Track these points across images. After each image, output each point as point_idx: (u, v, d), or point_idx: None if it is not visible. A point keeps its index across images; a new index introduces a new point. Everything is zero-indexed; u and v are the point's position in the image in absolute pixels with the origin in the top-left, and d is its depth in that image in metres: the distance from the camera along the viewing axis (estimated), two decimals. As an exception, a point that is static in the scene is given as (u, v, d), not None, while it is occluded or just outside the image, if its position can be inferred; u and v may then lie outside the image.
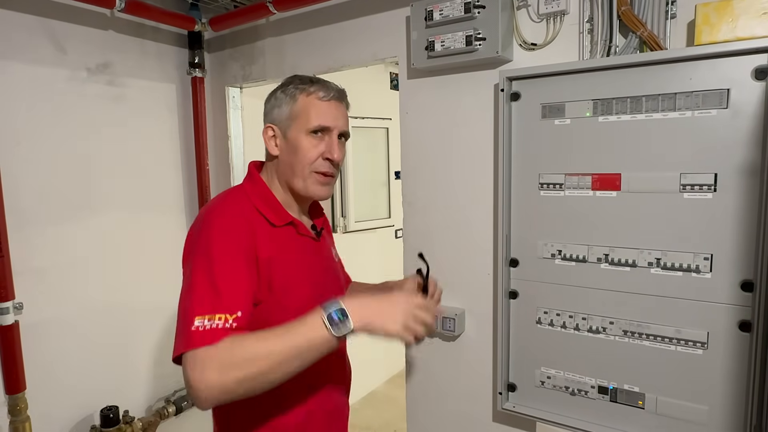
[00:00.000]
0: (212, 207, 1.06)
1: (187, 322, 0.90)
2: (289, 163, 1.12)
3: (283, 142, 1.13)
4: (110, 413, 1.91)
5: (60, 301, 1.87)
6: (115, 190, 2.02)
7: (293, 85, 1.13)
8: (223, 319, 0.90)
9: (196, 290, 0.93)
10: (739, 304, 1.18)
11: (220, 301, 0.92)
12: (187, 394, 0.89)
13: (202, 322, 0.89)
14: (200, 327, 0.88)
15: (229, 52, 2.25)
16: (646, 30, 1.25)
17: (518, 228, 1.47)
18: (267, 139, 1.14)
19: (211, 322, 0.89)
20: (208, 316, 0.89)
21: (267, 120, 1.16)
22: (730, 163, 1.16)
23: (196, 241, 0.99)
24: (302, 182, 1.12)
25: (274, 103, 1.14)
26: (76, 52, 1.87)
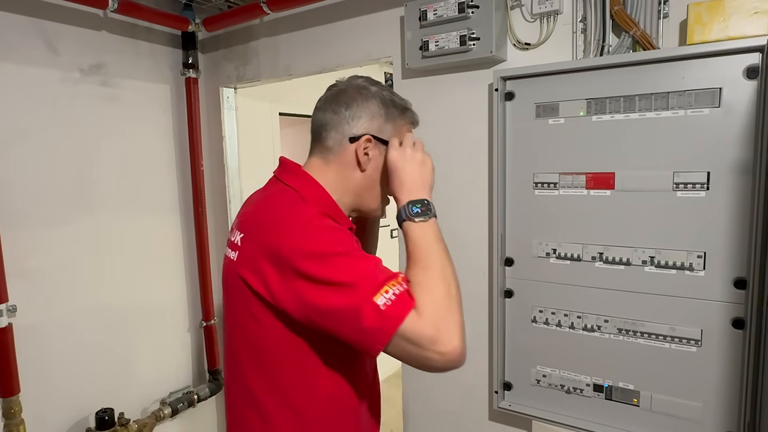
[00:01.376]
0: (288, 210, 0.92)
1: (368, 308, 0.79)
2: (372, 183, 1.03)
3: (377, 160, 1.01)
4: (105, 415, 1.90)
5: (54, 303, 1.86)
6: (109, 191, 2.00)
7: (393, 104, 1.02)
8: (396, 284, 0.82)
9: (349, 280, 0.81)
10: (732, 301, 1.19)
11: (380, 272, 0.83)
12: (426, 367, 0.82)
13: (385, 298, 0.80)
14: (386, 303, 0.79)
15: (223, 52, 2.24)
16: (638, 29, 1.26)
17: (513, 227, 1.48)
18: (360, 149, 0.99)
19: (390, 292, 0.80)
20: (381, 291, 0.80)
21: (363, 127, 0.99)
22: (723, 161, 1.17)
23: (306, 247, 0.85)
24: (374, 203, 1.06)
25: (376, 111, 1.00)
26: (69, 52, 1.86)
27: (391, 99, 1.03)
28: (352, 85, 1.02)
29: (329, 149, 1.01)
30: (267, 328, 0.90)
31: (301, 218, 0.90)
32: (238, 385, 0.98)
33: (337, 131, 1.00)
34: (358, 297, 0.80)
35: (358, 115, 1.00)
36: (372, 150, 1.00)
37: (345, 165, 1.01)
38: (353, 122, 1.00)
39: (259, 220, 0.94)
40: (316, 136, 1.04)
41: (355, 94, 1.01)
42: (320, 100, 1.05)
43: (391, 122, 1.02)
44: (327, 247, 0.85)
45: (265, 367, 0.94)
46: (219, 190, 2.35)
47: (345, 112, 1.00)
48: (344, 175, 1.01)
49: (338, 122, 1.00)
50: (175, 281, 2.28)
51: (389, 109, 1.02)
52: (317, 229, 0.88)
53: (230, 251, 0.98)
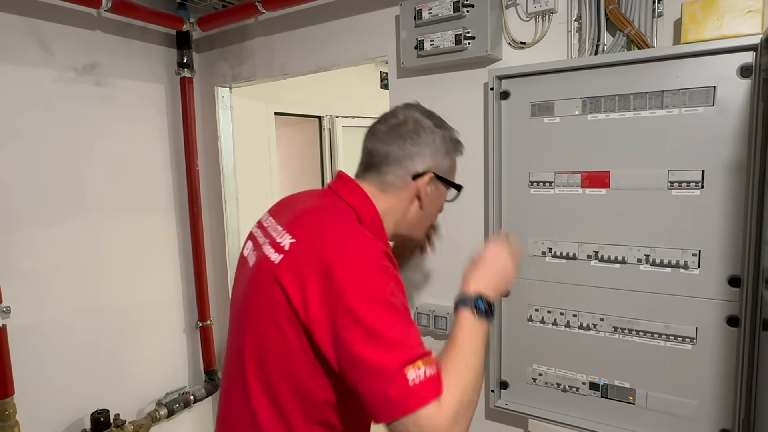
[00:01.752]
0: (357, 247, 0.88)
1: (398, 378, 0.76)
2: (427, 214, 1.07)
3: (435, 194, 1.04)
4: (101, 417, 1.89)
5: (49, 304, 1.85)
6: (104, 191, 2.00)
7: (452, 141, 1.05)
8: (429, 363, 0.78)
9: (392, 338, 0.79)
10: (726, 299, 1.20)
11: (418, 342, 0.81)
12: None
13: (416, 373, 0.76)
14: (416, 379, 0.76)
15: (218, 51, 2.24)
16: (633, 28, 1.26)
17: (509, 226, 1.48)
18: (423, 186, 1.01)
19: (422, 369, 0.77)
20: (415, 365, 0.77)
21: (428, 164, 1.01)
22: (717, 159, 1.18)
23: (366, 292, 0.82)
24: (421, 233, 1.12)
25: (438, 148, 1.02)
26: (63, 52, 1.85)
27: (449, 136, 1.05)
28: (413, 119, 1.02)
29: (389, 183, 1.01)
30: (287, 341, 0.87)
31: (368, 253, 0.86)
32: (238, 384, 0.96)
33: (399, 167, 1.00)
34: (394, 360, 0.77)
35: (423, 152, 1.00)
36: (430, 186, 1.02)
37: (402, 199, 1.02)
38: (417, 159, 1.00)
39: (320, 235, 0.90)
40: (374, 166, 1.03)
41: (418, 129, 1.01)
42: (378, 130, 1.04)
43: (449, 157, 1.04)
44: (385, 296, 0.82)
45: (269, 376, 0.92)
46: (214, 190, 2.34)
47: (410, 149, 1.00)
48: (401, 207, 1.03)
49: (402, 158, 1.00)
50: (171, 281, 2.28)
51: (448, 145, 1.04)
52: (382, 272, 0.84)
53: (271, 251, 0.94)
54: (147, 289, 2.17)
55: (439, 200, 1.08)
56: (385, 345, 0.78)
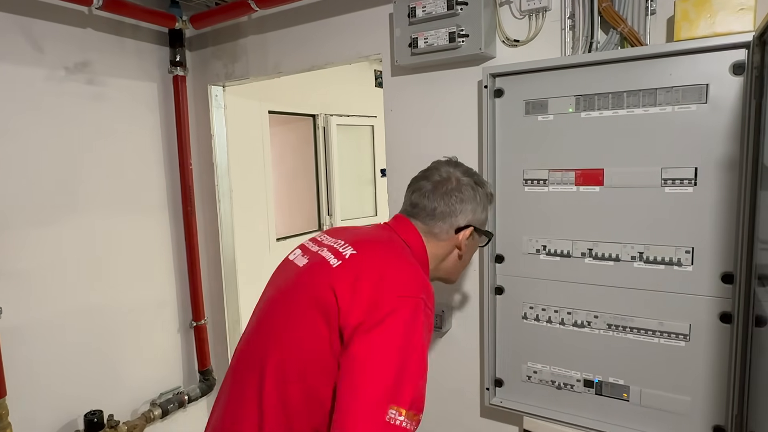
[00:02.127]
0: (413, 275, 0.96)
1: (380, 407, 0.80)
2: (465, 261, 1.19)
3: (471, 243, 1.15)
4: (94, 418, 1.88)
5: (41, 304, 1.83)
6: (96, 190, 1.98)
7: (485, 195, 1.15)
8: (413, 418, 0.83)
9: (396, 374, 0.83)
10: (719, 296, 1.20)
11: (418, 397, 0.85)
12: None
13: (395, 415, 0.80)
14: (393, 420, 0.80)
15: (212, 50, 2.22)
16: (626, 26, 1.26)
17: (503, 224, 1.48)
18: (464, 239, 1.11)
19: (403, 418, 0.81)
20: (403, 411, 0.81)
21: (469, 218, 1.11)
22: (710, 157, 1.18)
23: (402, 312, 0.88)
24: (457, 277, 1.22)
25: (473, 202, 1.11)
26: (54, 50, 1.83)
27: (487, 192, 1.15)
28: (456, 177, 1.12)
29: (435, 234, 1.11)
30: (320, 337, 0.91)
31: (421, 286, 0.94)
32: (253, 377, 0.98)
33: (444, 222, 1.10)
34: (386, 390, 0.81)
35: (465, 209, 1.11)
36: (469, 238, 1.12)
37: (444, 247, 1.12)
38: (461, 216, 1.10)
39: (381, 254, 1.00)
40: (421, 217, 1.11)
41: (461, 187, 1.11)
42: (424, 187, 1.12)
43: (485, 210, 1.15)
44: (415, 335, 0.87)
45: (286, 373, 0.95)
46: (208, 189, 2.33)
47: (455, 206, 1.10)
48: (441, 254, 1.13)
49: (447, 215, 1.10)
50: (164, 281, 2.26)
51: (485, 200, 1.15)
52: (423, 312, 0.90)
53: (330, 256, 1.00)
54: (140, 289, 2.16)
55: (474, 247, 1.19)
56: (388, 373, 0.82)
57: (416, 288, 0.93)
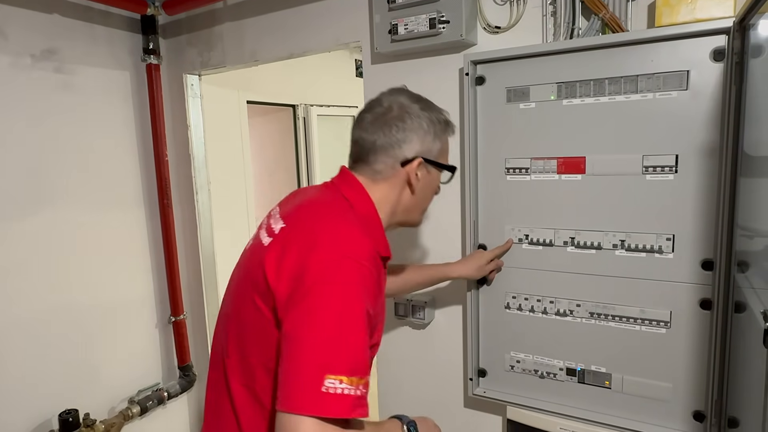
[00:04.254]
0: (341, 235, 0.89)
1: (316, 378, 0.76)
2: (423, 198, 1.07)
3: (426, 178, 1.04)
4: (69, 417, 1.83)
5: (11, 302, 1.77)
6: (68, 183, 1.91)
7: (439, 121, 1.04)
8: (355, 383, 0.78)
9: (330, 342, 0.79)
10: (699, 282, 1.21)
11: (357, 361, 0.80)
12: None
13: (335, 384, 0.76)
14: (332, 389, 0.76)
15: (186, 37, 2.16)
16: (608, 12, 1.25)
17: (485, 213, 1.47)
18: (413, 172, 1.01)
19: (344, 385, 0.77)
20: (342, 378, 0.77)
21: (413, 150, 1.00)
22: (691, 144, 1.18)
23: (330, 277, 0.83)
24: (419, 217, 1.11)
25: (425, 132, 1.01)
26: (18, 37, 1.75)
27: (437, 118, 1.03)
28: (398, 104, 1.01)
29: (378, 172, 1.01)
30: (263, 316, 0.89)
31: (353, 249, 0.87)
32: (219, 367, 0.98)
33: (387, 155, 1.00)
34: (319, 360, 0.77)
35: (410, 138, 1.00)
36: (421, 170, 1.02)
37: (394, 186, 1.02)
38: (405, 146, 1.00)
39: (312, 221, 0.92)
40: (363, 156, 1.02)
41: (404, 114, 1.00)
42: (364, 120, 1.03)
43: (438, 139, 1.04)
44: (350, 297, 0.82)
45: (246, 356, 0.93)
46: (185, 181, 2.27)
47: (396, 135, 0.99)
48: (393, 195, 1.03)
49: (389, 146, 0.99)
50: (142, 276, 2.21)
51: (435, 126, 1.03)
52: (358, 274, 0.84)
53: (265, 235, 0.96)
54: (116, 285, 2.10)
55: (432, 184, 1.08)
56: (320, 343, 0.78)
57: (348, 249, 0.86)
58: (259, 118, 3.17)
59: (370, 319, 0.84)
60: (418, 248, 1.67)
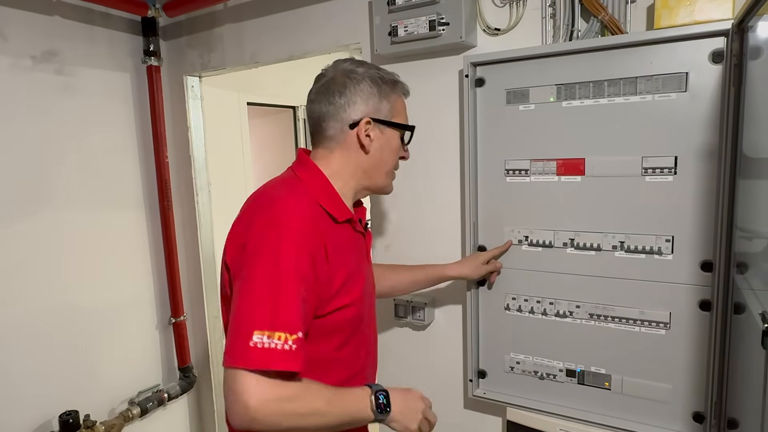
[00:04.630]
0: (276, 201, 0.96)
1: (245, 334, 0.82)
2: (381, 160, 1.08)
3: (380, 138, 1.06)
4: (69, 418, 1.83)
5: (13, 303, 1.77)
6: (69, 185, 1.91)
7: (384, 81, 1.06)
8: (283, 338, 0.83)
9: (259, 299, 0.85)
10: (699, 284, 1.21)
11: (282, 317, 0.85)
12: (225, 401, 0.85)
13: (261, 339, 0.82)
14: (258, 344, 0.82)
15: (186, 39, 2.16)
16: (607, 14, 1.25)
17: (485, 215, 1.47)
18: (362, 133, 1.03)
19: (270, 340, 0.82)
20: (268, 333, 0.82)
21: (360, 111, 1.03)
22: (690, 146, 1.18)
23: (263, 242, 0.89)
24: (385, 180, 1.12)
25: (369, 92, 1.04)
26: (18, 38, 1.76)
27: (380, 76, 1.06)
28: (340, 71, 1.05)
29: (331, 138, 1.05)
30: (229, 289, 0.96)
31: (284, 214, 0.93)
32: None
33: (335, 120, 1.03)
34: (246, 318, 0.84)
35: (353, 100, 1.03)
36: (373, 131, 1.04)
37: (349, 150, 1.05)
38: (350, 108, 1.03)
39: (253, 207, 0.99)
40: (316, 128, 1.07)
41: (345, 79, 1.03)
42: (312, 92, 1.08)
43: (386, 99, 1.06)
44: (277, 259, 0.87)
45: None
46: (185, 182, 2.27)
47: (339, 101, 1.03)
48: (350, 160, 1.06)
49: (335, 112, 1.03)
50: (142, 277, 2.21)
51: (381, 87, 1.05)
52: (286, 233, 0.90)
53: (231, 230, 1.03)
54: (117, 286, 2.10)
55: (389, 145, 1.09)
56: (253, 300, 0.85)
57: (277, 216, 0.92)
58: (260, 119, 3.18)
59: (306, 275, 0.89)
60: (418, 249, 1.67)
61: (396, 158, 1.12)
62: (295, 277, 0.87)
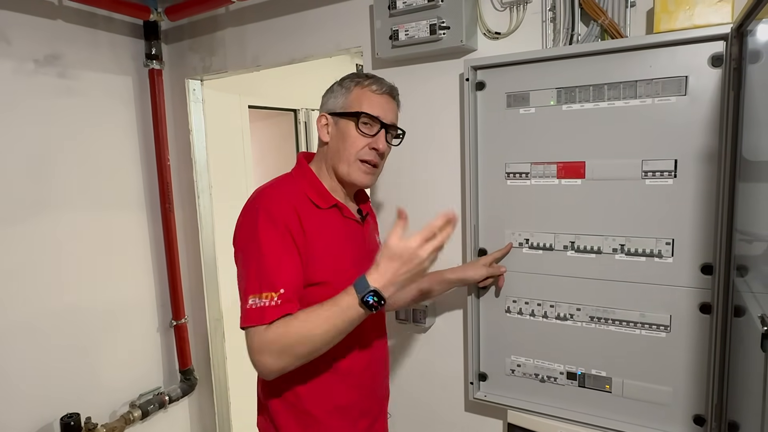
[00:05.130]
0: (260, 192, 1.12)
1: (244, 300, 1.02)
2: (337, 149, 1.17)
3: (335, 130, 1.18)
4: (71, 421, 1.83)
5: (14, 305, 1.77)
6: (70, 187, 1.92)
7: (350, 79, 1.19)
8: (268, 297, 0.99)
9: (248, 270, 1.03)
10: (699, 287, 1.21)
11: (266, 280, 1.01)
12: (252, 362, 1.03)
13: (255, 301, 1.00)
14: (252, 305, 1.00)
15: (188, 42, 2.17)
16: (607, 18, 1.26)
17: (486, 218, 1.47)
18: (320, 127, 1.19)
19: (259, 300, 0.99)
20: (258, 295, 1.00)
21: (322, 109, 1.21)
22: (690, 149, 1.18)
23: (244, 224, 1.08)
24: (346, 168, 1.17)
25: (330, 95, 1.20)
26: (22, 42, 1.77)
27: (348, 76, 1.20)
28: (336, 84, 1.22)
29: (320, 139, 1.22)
30: None
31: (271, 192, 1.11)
32: None
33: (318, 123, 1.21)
34: (243, 288, 1.03)
35: (323, 102, 1.22)
36: (329, 124, 1.19)
37: (320, 145, 1.22)
38: (320, 109, 1.22)
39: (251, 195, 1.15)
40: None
41: (327, 90, 1.22)
42: None
43: (345, 94, 1.18)
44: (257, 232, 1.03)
45: None
46: (187, 185, 2.28)
47: (321, 108, 1.22)
48: (321, 155, 1.22)
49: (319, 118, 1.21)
50: (143, 280, 2.21)
51: (344, 84, 1.19)
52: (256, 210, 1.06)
53: None
54: (118, 288, 2.11)
55: (344, 133, 1.16)
56: (245, 272, 1.04)
57: (257, 202, 1.08)
58: (261, 122, 3.18)
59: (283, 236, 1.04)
60: (419, 252, 1.67)
61: (356, 146, 1.15)
62: (272, 243, 1.03)
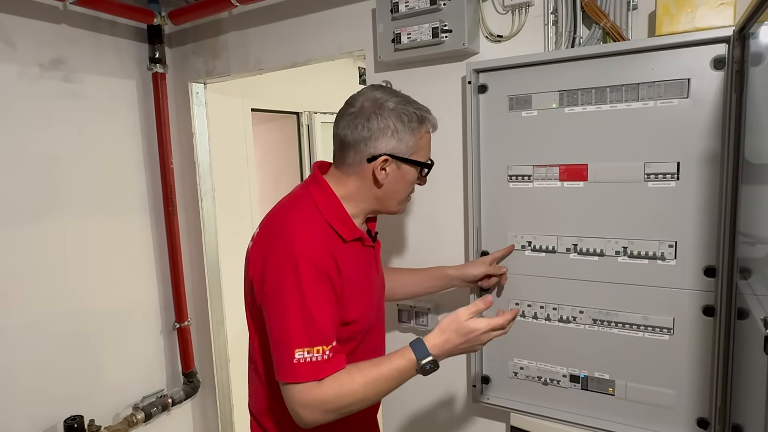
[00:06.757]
0: (291, 235, 1.01)
1: (289, 354, 0.95)
2: (394, 191, 1.11)
3: (395, 174, 1.08)
4: (74, 423, 1.84)
5: (18, 308, 1.78)
6: (75, 190, 1.93)
7: (408, 114, 1.05)
8: (321, 351, 0.95)
9: (292, 321, 0.97)
10: (702, 289, 1.21)
11: (316, 332, 0.96)
12: (290, 411, 0.99)
13: (303, 355, 0.94)
14: (302, 359, 0.94)
15: (192, 46, 2.18)
16: (609, 21, 1.26)
17: (488, 220, 1.48)
18: (378, 168, 1.05)
19: (310, 354, 0.95)
20: (307, 349, 0.95)
21: (380, 147, 1.04)
22: (692, 151, 1.18)
23: (284, 274, 0.98)
24: (395, 207, 1.15)
25: (392, 134, 1.04)
26: (27, 46, 1.78)
27: (408, 112, 1.06)
28: (371, 100, 1.06)
29: (349, 165, 1.08)
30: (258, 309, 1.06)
31: (296, 240, 0.99)
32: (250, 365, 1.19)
33: (356, 151, 1.06)
34: (285, 341, 0.96)
35: (375, 135, 1.04)
36: (389, 166, 1.07)
37: (363, 180, 1.08)
38: (371, 143, 1.04)
39: (272, 230, 1.06)
40: (338, 150, 1.11)
41: (371, 113, 1.04)
42: (340, 116, 1.09)
43: (409, 136, 1.06)
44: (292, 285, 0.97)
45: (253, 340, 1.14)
46: (190, 189, 2.29)
47: (362, 133, 1.04)
48: (363, 188, 1.09)
49: (356, 143, 1.05)
50: (147, 283, 2.22)
51: (406, 124, 1.05)
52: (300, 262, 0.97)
53: (250, 243, 1.11)
54: (122, 291, 2.11)
55: (404, 178, 1.11)
56: (287, 323, 0.96)
57: (293, 248, 0.98)
58: (264, 125, 3.19)
59: (327, 289, 0.99)
60: (422, 254, 1.67)
61: (410, 188, 1.15)
62: (318, 296, 0.97)
